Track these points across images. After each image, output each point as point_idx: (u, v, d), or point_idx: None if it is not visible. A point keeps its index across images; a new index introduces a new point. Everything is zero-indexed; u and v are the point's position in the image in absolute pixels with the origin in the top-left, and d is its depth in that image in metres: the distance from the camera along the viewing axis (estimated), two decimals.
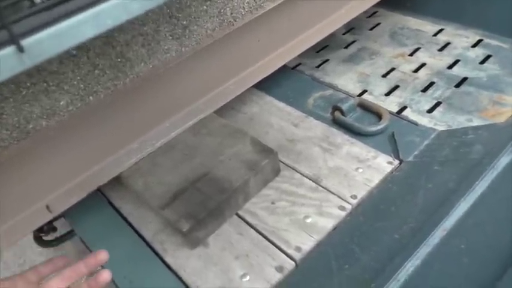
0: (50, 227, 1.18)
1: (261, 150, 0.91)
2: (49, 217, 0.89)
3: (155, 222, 0.90)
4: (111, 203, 0.97)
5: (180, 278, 0.79)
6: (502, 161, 0.66)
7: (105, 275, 0.63)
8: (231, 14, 0.95)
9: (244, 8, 0.97)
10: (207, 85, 1.02)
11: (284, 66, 1.35)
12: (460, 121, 1.03)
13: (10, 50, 0.34)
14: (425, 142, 0.92)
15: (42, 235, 1.19)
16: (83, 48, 0.75)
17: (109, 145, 0.91)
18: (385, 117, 1.00)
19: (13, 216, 0.83)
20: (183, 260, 0.82)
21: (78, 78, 0.77)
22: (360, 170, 0.91)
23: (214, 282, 0.77)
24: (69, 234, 1.18)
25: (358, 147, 0.96)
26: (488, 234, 0.59)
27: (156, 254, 0.85)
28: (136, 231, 0.90)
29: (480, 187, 0.63)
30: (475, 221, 0.60)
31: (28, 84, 0.72)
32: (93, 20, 0.37)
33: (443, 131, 0.95)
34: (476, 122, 1.00)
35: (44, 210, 0.86)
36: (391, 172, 0.89)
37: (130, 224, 0.92)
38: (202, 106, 1.02)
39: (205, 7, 0.90)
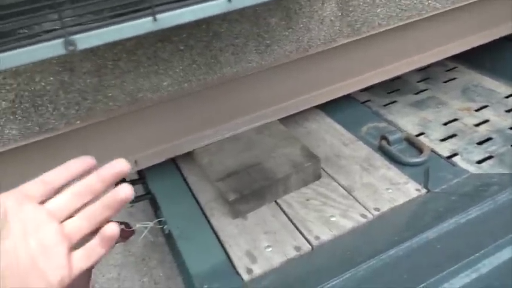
0: None
1: (307, 155, 1.09)
2: (134, 169, 1.16)
3: (210, 193, 1.11)
4: (181, 173, 1.21)
5: (218, 237, 0.99)
6: (500, 198, 0.75)
7: (126, 190, 0.43)
8: (307, 42, 1.15)
9: (319, 39, 1.17)
10: (277, 97, 1.23)
11: (352, 98, 1.51)
12: None
13: (149, 19, 0.64)
14: (456, 180, 1.01)
15: None
16: (189, 46, 1.01)
17: (192, 126, 1.15)
18: (425, 153, 1.10)
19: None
20: (224, 224, 1.01)
21: (180, 67, 1.04)
22: (390, 191, 1.03)
23: (243, 246, 0.95)
24: (144, 196, 1.44)
25: (393, 173, 1.08)
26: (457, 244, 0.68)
27: (205, 216, 1.05)
28: (194, 197, 1.12)
29: (474, 212, 0.73)
30: (453, 235, 0.70)
31: (146, 65, 0.99)
32: (191, 11, 0.64)
33: (475, 173, 1.03)
34: None
35: (132, 163, 1.13)
36: (417, 197, 0.99)
37: (191, 191, 1.14)
38: (270, 113, 1.23)
39: (287, 33, 1.12)
